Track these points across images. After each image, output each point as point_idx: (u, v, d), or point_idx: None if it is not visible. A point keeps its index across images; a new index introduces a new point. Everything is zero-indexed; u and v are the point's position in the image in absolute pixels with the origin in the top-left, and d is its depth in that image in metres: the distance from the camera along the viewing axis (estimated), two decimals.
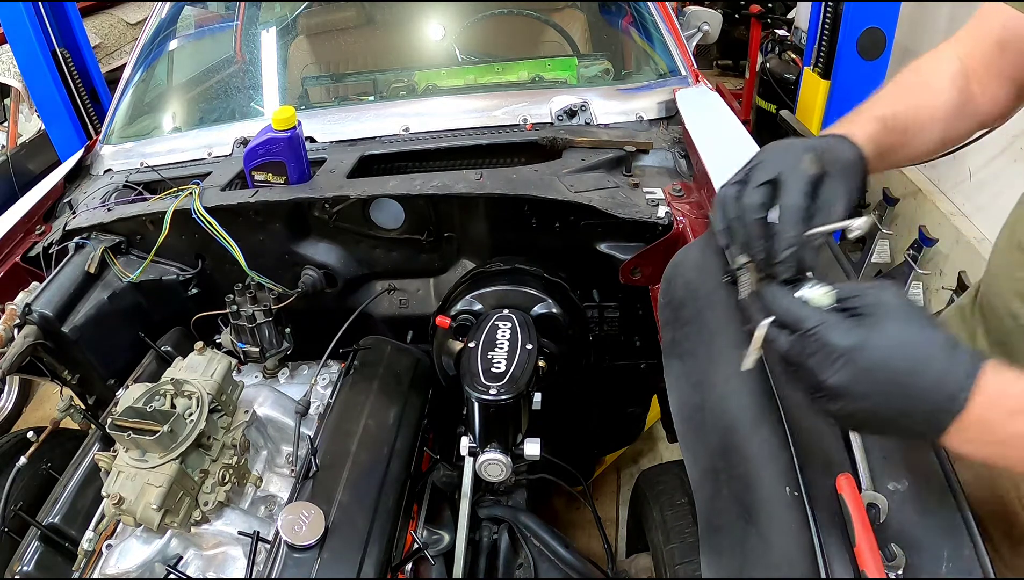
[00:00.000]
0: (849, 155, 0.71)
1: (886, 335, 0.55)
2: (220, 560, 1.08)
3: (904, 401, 0.55)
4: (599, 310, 1.39)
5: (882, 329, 0.56)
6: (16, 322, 1.29)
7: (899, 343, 0.55)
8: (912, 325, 0.56)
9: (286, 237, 1.41)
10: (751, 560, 0.68)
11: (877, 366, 0.55)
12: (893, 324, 0.56)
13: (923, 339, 0.55)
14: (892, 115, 0.78)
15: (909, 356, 0.55)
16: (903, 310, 0.56)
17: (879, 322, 0.56)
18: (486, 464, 1.10)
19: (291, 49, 2.15)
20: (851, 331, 0.56)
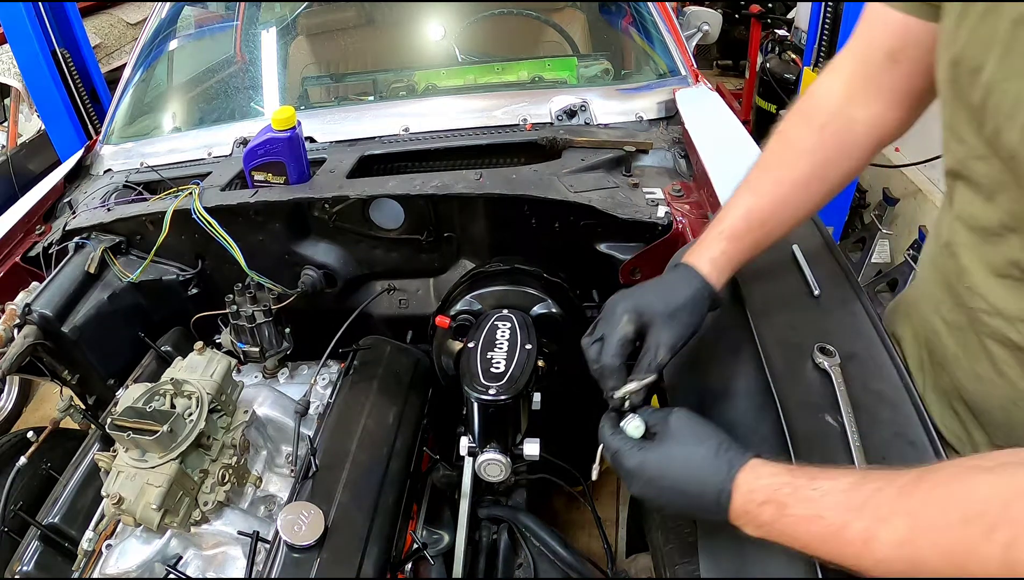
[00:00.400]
0: (685, 293, 0.81)
1: (663, 454, 0.69)
2: (220, 560, 1.08)
3: (685, 501, 0.67)
4: (599, 310, 1.39)
5: (661, 449, 0.69)
6: (16, 322, 1.29)
7: (671, 459, 0.68)
8: (686, 443, 0.68)
9: (286, 237, 1.41)
10: (750, 560, 0.68)
11: (654, 479, 0.69)
12: (671, 444, 0.69)
13: (691, 454, 0.67)
14: (745, 213, 0.84)
15: (678, 469, 0.68)
16: (683, 430, 0.70)
17: (661, 444, 0.70)
18: (485, 464, 1.10)
19: (291, 49, 2.15)
20: (635, 455, 0.71)
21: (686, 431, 0.70)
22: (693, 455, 0.68)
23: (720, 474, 0.65)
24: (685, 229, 1.17)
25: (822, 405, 0.74)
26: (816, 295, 0.89)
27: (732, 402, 0.82)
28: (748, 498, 0.63)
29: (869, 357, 0.80)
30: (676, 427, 0.71)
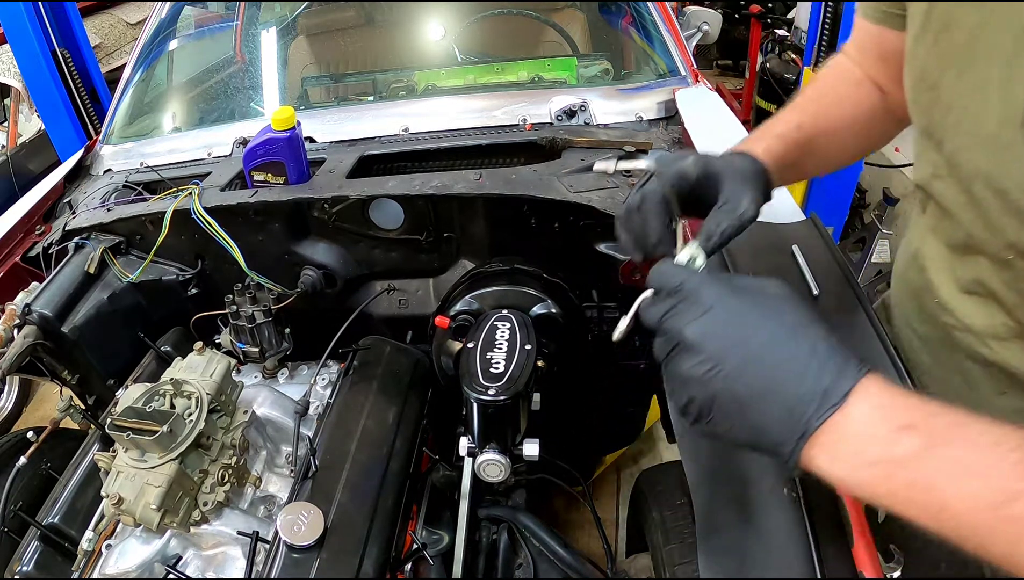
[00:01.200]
0: (747, 163, 0.69)
1: (764, 294, 0.51)
2: (219, 560, 1.08)
3: (764, 374, 0.48)
4: (599, 310, 1.39)
5: (760, 290, 0.52)
6: (16, 322, 1.29)
7: (778, 303, 0.50)
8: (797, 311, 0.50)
9: (285, 237, 1.41)
10: (749, 560, 0.68)
11: (744, 320, 0.50)
12: (775, 289, 0.52)
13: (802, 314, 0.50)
14: (796, 127, 0.77)
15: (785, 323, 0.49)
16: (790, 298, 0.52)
17: (758, 284, 0.53)
18: (485, 464, 1.10)
19: (291, 49, 2.15)
20: (721, 286, 0.52)
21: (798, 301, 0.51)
22: (807, 325, 0.49)
23: (840, 361, 0.47)
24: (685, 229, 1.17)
25: None
26: (816, 295, 0.89)
27: None
28: (880, 413, 0.46)
29: (869, 357, 0.80)
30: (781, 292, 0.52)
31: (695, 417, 0.53)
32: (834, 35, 2.48)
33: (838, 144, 0.81)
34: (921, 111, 0.68)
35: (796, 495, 0.67)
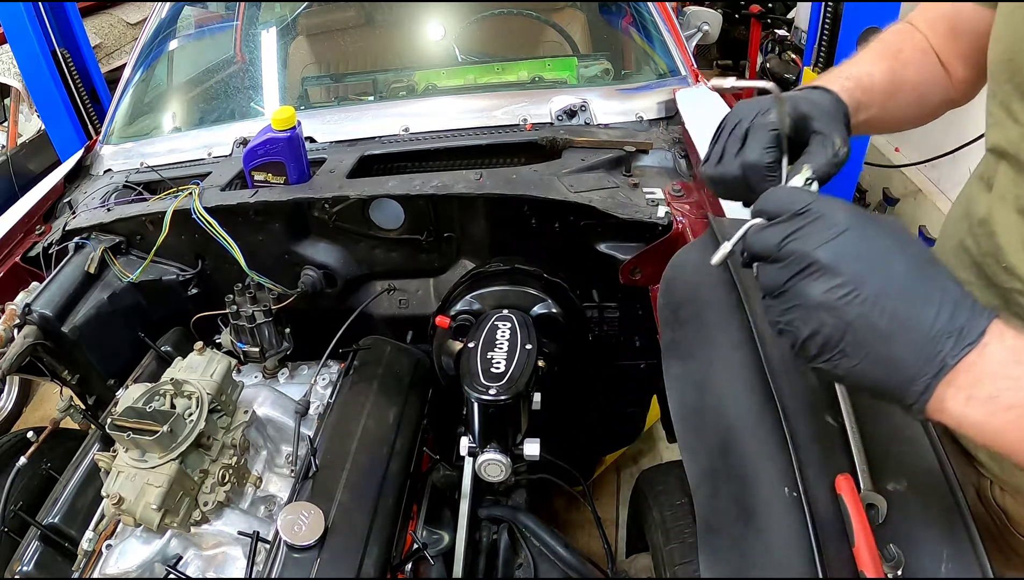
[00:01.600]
0: (829, 101, 0.70)
1: (894, 233, 0.49)
2: (220, 560, 1.08)
3: (903, 304, 0.46)
4: (599, 310, 1.39)
5: (890, 227, 0.49)
6: (16, 322, 1.29)
7: (912, 238, 0.48)
8: (924, 248, 0.49)
9: (286, 237, 1.41)
10: (750, 560, 0.68)
11: (883, 245, 0.47)
12: (904, 233, 0.49)
13: (932, 258, 0.48)
14: (867, 74, 0.79)
15: (921, 254, 0.47)
16: (914, 236, 0.50)
17: (890, 224, 0.50)
18: (486, 464, 1.10)
19: (291, 49, 2.15)
20: (852, 209, 0.49)
21: (908, 233, 0.49)
22: (929, 266, 0.47)
23: (969, 303, 0.46)
24: (685, 229, 1.17)
25: (822, 405, 0.74)
26: None
27: (732, 402, 0.82)
28: (1015, 355, 0.45)
29: None
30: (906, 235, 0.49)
31: (818, 350, 0.50)
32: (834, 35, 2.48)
33: (900, 104, 0.83)
34: (1016, 81, 0.69)
35: (796, 495, 0.67)
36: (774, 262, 0.52)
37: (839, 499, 0.65)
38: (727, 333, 0.88)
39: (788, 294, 0.51)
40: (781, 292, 0.51)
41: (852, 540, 0.62)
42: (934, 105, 0.87)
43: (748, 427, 0.77)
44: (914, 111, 0.86)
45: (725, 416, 0.81)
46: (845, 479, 0.65)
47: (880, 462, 0.68)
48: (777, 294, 0.52)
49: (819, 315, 0.49)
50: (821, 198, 0.51)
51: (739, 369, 0.82)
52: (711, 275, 0.96)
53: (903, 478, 0.68)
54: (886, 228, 0.49)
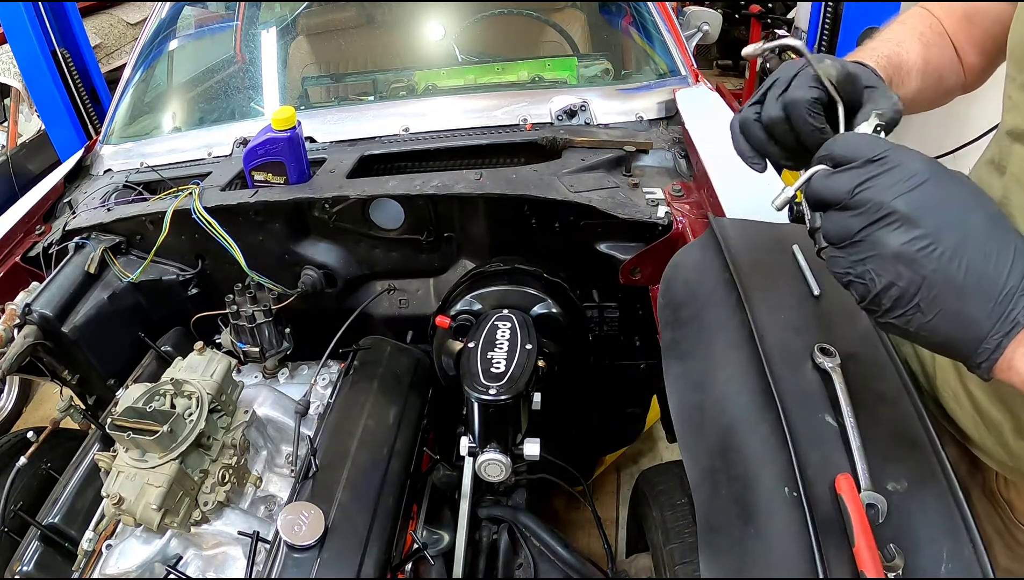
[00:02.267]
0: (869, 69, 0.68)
1: (970, 187, 0.49)
2: (220, 560, 1.08)
3: (980, 260, 0.46)
4: (599, 310, 1.39)
5: (966, 181, 0.49)
6: (16, 322, 1.29)
7: (980, 199, 0.48)
8: (995, 206, 0.49)
9: (286, 237, 1.41)
10: (750, 560, 0.68)
11: (960, 197, 0.47)
12: (978, 189, 0.49)
13: (1003, 215, 0.48)
14: (896, 53, 0.79)
15: (995, 211, 0.47)
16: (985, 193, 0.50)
17: (965, 178, 0.49)
18: (486, 464, 1.10)
19: (291, 49, 2.15)
20: (928, 159, 0.49)
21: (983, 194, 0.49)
22: (1002, 223, 0.48)
23: None
24: (685, 229, 1.17)
25: (822, 405, 0.74)
26: (816, 295, 0.89)
27: (732, 402, 0.82)
28: None
29: (869, 357, 0.80)
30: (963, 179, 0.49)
31: (892, 304, 0.49)
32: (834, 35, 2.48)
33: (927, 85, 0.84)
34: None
35: (796, 494, 0.67)
36: (844, 209, 0.51)
37: (839, 499, 0.65)
38: (727, 333, 0.88)
39: (862, 244, 0.50)
40: (852, 242, 0.50)
41: (852, 540, 0.62)
42: (949, 89, 0.88)
43: (748, 427, 0.77)
44: (932, 94, 0.86)
45: (725, 416, 0.81)
46: (845, 479, 0.65)
47: (880, 462, 0.68)
48: (847, 244, 0.50)
49: (896, 267, 0.48)
50: (896, 147, 0.50)
51: (739, 369, 0.83)
52: (711, 275, 0.96)
53: (903, 478, 0.68)
54: (963, 182, 0.49)
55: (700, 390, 0.88)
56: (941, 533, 0.64)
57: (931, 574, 0.61)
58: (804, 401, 0.75)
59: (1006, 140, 0.78)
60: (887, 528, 0.64)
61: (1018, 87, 0.74)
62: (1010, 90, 0.76)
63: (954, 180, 0.49)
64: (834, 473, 0.67)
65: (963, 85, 0.89)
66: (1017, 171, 0.75)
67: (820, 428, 0.72)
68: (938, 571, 0.62)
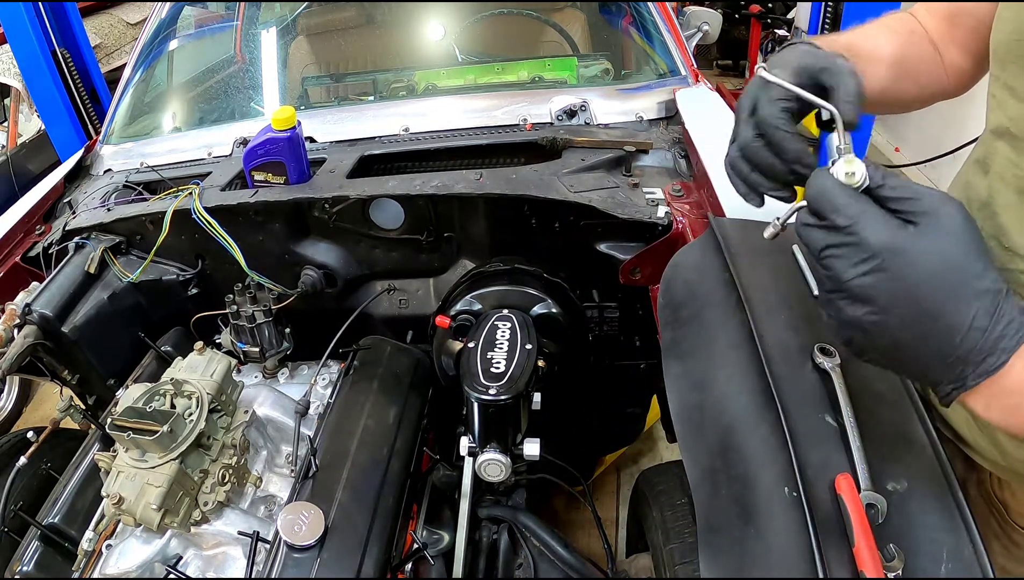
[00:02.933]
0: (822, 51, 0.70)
1: (932, 250, 0.49)
2: (220, 560, 1.08)
3: (929, 331, 0.50)
4: (599, 310, 1.39)
5: (930, 240, 0.49)
6: (16, 322, 1.29)
7: (945, 264, 0.49)
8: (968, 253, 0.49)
9: (286, 237, 1.41)
10: (750, 560, 0.68)
11: (912, 279, 0.49)
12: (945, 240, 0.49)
13: (972, 273, 0.49)
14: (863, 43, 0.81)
15: (951, 284, 0.49)
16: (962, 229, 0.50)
17: (928, 232, 0.50)
18: (485, 464, 1.10)
19: (291, 49, 2.15)
20: (892, 230, 0.50)
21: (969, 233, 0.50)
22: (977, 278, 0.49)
23: (1008, 324, 0.49)
24: (685, 229, 1.17)
25: (822, 405, 0.74)
26: (816, 295, 0.88)
27: (732, 402, 0.82)
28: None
29: None
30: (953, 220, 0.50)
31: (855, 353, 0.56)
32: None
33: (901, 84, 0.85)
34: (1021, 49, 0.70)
35: (796, 494, 0.67)
36: (819, 264, 0.55)
37: (839, 499, 0.65)
38: (727, 333, 0.88)
39: (828, 303, 0.55)
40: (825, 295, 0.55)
41: (852, 540, 0.62)
42: (926, 89, 0.88)
43: (748, 427, 0.77)
44: (912, 93, 0.87)
45: (725, 416, 0.81)
46: (845, 479, 0.65)
47: (880, 462, 0.68)
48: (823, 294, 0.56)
49: (853, 330, 0.54)
50: (862, 215, 0.52)
51: (739, 369, 0.83)
52: (711, 275, 0.96)
53: (903, 478, 0.68)
54: (925, 252, 0.50)
55: (700, 390, 0.88)
56: (941, 533, 0.64)
57: (931, 574, 0.61)
58: (804, 401, 0.75)
59: (990, 139, 0.78)
60: (887, 528, 0.64)
61: (1001, 86, 0.75)
62: (994, 89, 0.77)
63: (915, 253, 0.50)
64: (834, 473, 0.67)
65: (945, 89, 0.88)
66: (1001, 169, 0.75)
67: (820, 428, 0.72)
68: (938, 571, 0.62)
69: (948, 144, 2.43)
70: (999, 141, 0.75)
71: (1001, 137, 0.75)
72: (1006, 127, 0.74)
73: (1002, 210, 0.75)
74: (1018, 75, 0.71)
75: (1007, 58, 0.73)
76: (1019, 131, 0.72)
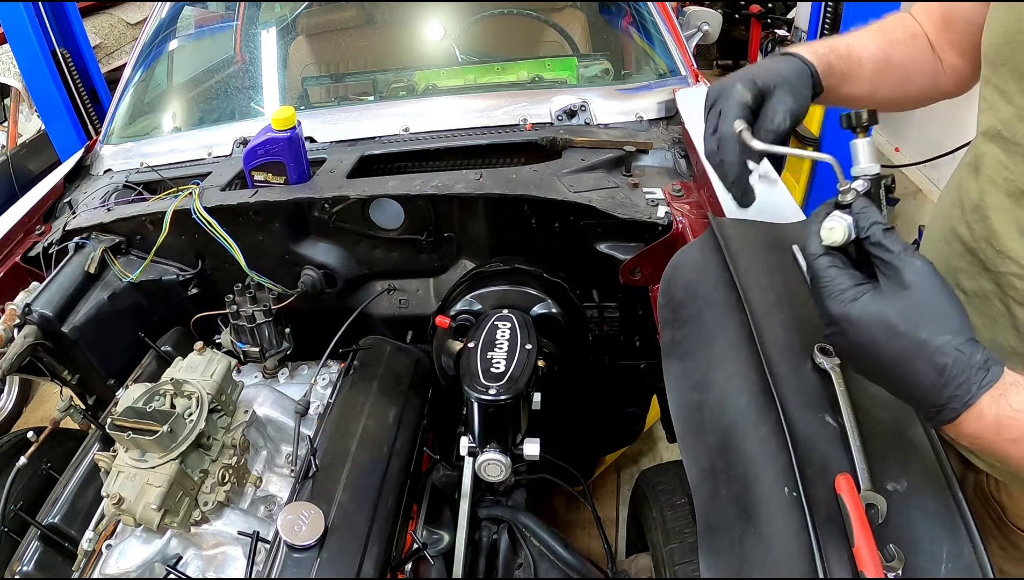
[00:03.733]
0: (791, 68, 0.76)
1: (884, 316, 0.56)
2: (220, 560, 1.08)
3: (893, 382, 0.58)
4: (599, 310, 1.40)
5: (885, 304, 0.56)
6: (16, 322, 1.29)
7: (892, 333, 0.56)
8: (926, 314, 0.55)
9: (286, 237, 1.41)
10: (749, 560, 0.68)
11: (865, 342, 0.57)
12: (901, 303, 0.56)
13: (925, 337, 0.55)
14: (846, 44, 0.83)
15: (899, 349, 0.56)
16: (925, 288, 0.55)
17: (887, 294, 0.56)
18: (485, 464, 1.10)
19: (291, 49, 2.15)
20: (845, 303, 0.58)
21: (933, 298, 0.55)
22: (932, 339, 0.54)
23: (962, 381, 0.54)
24: (685, 229, 1.17)
25: (822, 405, 0.74)
26: None
27: (732, 402, 0.82)
28: (987, 428, 0.54)
29: None
30: (922, 283, 0.56)
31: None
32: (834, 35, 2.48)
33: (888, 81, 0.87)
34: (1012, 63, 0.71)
35: (796, 494, 0.67)
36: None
37: (839, 499, 0.65)
38: (727, 333, 0.88)
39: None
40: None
41: (852, 540, 0.62)
42: (921, 89, 0.89)
43: (748, 427, 0.77)
44: (899, 92, 0.88)
45: (725, 416, 0.81)
46: (845, 479, 0.65)
47: (880, 462, 0.68)
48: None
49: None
50: (829, 274, 0.61)
51: (739, 369, 0.83)
52: (711, 275, 0.96)
53: (903, 478, 0.68)
54: (872, 319, 0.57)
55: (700, 390, 0.88)
56: (941, 533, 0.64)
57: (931, 574, 0.61)
58: (804, 401, 0.75)
59: (981, 141, 0.78)
60: (887, 528, 0.64)
61: (992, 88, 0.75)
62: (984, 91, 0.77)
63: (862, 326, 0.57)
64: (834, 473, 0.67)
65: (943, 89, 0.89)
66: (991, 173, 0.75)
67: (820, 428, 0.72)
68: (938, 571, 0.62)
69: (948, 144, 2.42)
70: (990, 144, 0.75)
71: (992, 140, 0.75)
72: (997, 129, 0.74)
73: (993, 213, 0.75)
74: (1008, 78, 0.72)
75: (997, 61, 0.73)
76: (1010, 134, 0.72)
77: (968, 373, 0.54)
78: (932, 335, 0.55)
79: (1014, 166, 0.72)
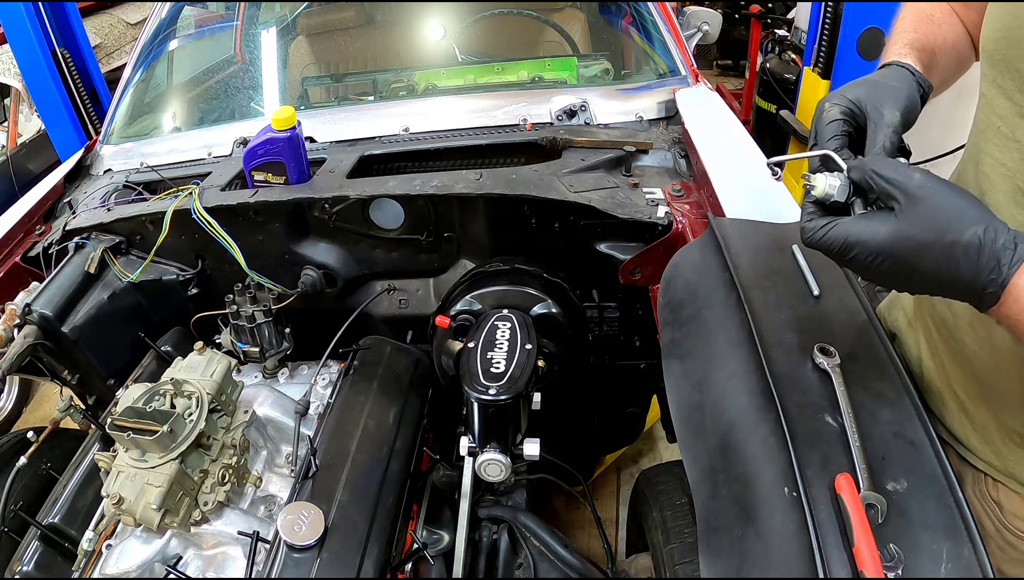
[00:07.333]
0: (895, 79, 0.76)
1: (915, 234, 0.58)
2: (220, 560, 1.08)
3: (943, 285, 0.59)
4: (599, 310, 1.40)
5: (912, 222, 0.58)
6: (16, 322, 1.29)
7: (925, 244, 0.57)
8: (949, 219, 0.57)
9: (286, 237, 1.41)
10: (750, 560, 0.68)
11: (901, 266, 0.59)
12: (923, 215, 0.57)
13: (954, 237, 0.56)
14: (920, 39, 0.83)
15: (938, 260, 0.57)
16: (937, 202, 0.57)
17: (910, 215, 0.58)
18: (485, 464, 1.10)
19: (291, 49, 2.15)
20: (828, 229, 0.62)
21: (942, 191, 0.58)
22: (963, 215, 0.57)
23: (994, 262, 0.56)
24: (685, 229, 1.17)
25: (822, 405, 0.74)
26: (816, 295, 0.89)
27: (732, 402, 0.82)
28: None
29: (869, 357, 0.80)
30: (925, 186, 0.59)
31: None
32: (834, 35, 2.48)
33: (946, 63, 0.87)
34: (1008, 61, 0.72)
35: (796, 494, 0.67)
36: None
37: (839, 499, 0.65)
38: (727, 333, 0.88)
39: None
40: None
41: (852, 540, 0.62)
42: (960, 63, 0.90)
43: (748, 427, 0.77)
44: (953, 69, 0.89)
45: (725, 416, 0.81)
46: (845, 479, 0.65)
47: (880, 462, 0.68)
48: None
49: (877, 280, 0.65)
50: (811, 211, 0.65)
51: (739, 369, 0.83)
52: (711, 275, 0.96)
53: (903, 478, 0.68)
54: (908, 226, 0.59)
55: (700, 390, 0.88)
56: (941, 533, 0.64)
57: (931, 574, 0.61)
58: (804, 401, 0.75)
59: (980, 138, 0.78)
60: (887, 528, 0.64)
61: (990, 84, 0.75)
62: (983, 87, 0.77)
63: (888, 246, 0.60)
64: (834, 473, 0.67)
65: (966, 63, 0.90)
66: (989, 169, 0.75)
67: (820, 428, 0.72)
68: (938, 571, 0.62)
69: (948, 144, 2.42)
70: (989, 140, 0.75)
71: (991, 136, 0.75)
72: (996, 125, 0.74)
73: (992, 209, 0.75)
74: (1005, 73, 0.72)
75: (994, 56, 0.73)
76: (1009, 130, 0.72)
77: (996, 255, 0.56)
78: (958, 234, 0.57)
79: (1011, 163, 0.72)
